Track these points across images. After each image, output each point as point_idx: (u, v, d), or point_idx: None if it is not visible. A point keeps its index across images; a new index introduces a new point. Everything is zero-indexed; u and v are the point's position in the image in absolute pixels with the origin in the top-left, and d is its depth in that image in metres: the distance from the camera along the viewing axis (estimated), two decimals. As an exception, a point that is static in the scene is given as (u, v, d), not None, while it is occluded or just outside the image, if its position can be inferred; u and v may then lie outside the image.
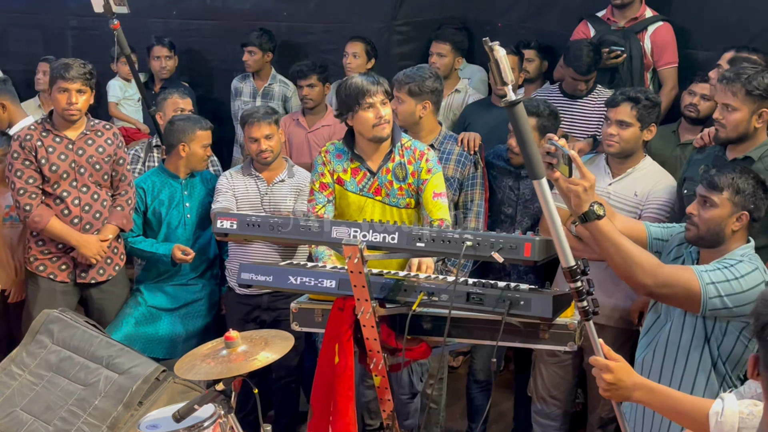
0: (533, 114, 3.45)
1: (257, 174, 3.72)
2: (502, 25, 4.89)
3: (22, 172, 3.52)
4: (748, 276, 2.40)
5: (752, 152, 2.93)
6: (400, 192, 3.14)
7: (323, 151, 3.22)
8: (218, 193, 3.72)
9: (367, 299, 2.39)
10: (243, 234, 2.55)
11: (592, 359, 2.04)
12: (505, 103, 1.91)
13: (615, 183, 3.30)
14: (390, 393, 2.57)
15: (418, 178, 3.14)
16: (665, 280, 2.38)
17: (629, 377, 1.98)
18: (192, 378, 2.33)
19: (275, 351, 2.36)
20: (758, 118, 2.89)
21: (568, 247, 2.01)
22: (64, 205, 3.58)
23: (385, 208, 3.16)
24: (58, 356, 3.03)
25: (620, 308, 3.27)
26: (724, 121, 2.92)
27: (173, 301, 3.81)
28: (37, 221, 3.52)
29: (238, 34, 5.12)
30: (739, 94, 2.86)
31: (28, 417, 2.88)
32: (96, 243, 3.61)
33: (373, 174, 3.14)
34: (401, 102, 3.48)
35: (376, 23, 5.07)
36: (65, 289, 3.68)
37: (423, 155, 3.15)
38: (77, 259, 3.64)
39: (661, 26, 4.18)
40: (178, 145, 3.74)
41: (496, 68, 1.88)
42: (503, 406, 4.30)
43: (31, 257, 3.67)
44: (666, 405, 1.97)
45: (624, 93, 3.25)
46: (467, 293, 2.35)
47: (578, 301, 2.03)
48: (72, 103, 3.50)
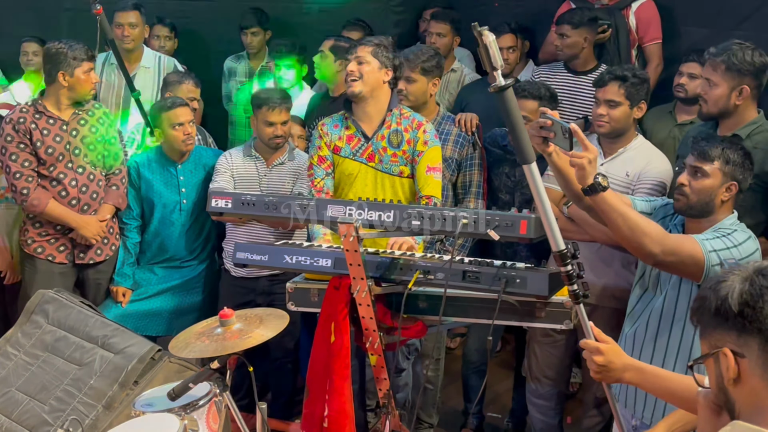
0: (536, 97, 3.44)
1: (257, 155, 3.70)
2: (498, 4, 4.85)
3: (17, 156, 3.50)
4: (744, 244, 2.44)
5: (740, 130, 2.94)
6: (394, 158, 3.14)
7: (320, 125, 3.23)
8: (217, 172, 3.70)
9: (363, 278, 2.39)
10: (238, 213, 2.54)
11: (583, 342, 2.05)
12: (495, 89, 1.90)
13: (607, 163, 3.28)
14: (386, 372, 2.57)
15: (413, 147, 3.14)
16: (672, 248, 2.38)
17: (619, 359, 1.99)
18: (187, 356, 2.33)
19: (270, 329, 2.35)
20: (738, 95, 2.89)
21: (558, 230, 2.00)
22: (61, 186, 3.57)
23: (377, 175, 3.16)
24: (54, 336, 3.03)
25: (611, 288, 3.28)
26: (705, 96, 2.94)
27: (164, 281, 3.81)
28: (35, 204, 3.51)
29: (233, 15, 5.08)
30: (719, 69, 2.87)
31: (24, 397, 2.88)
32: (95, 223, 3.61)
33: (368, 139, 3.15)
34: (413, 81, 3.47)
35: (372, 3, 5.03)
36: (63, 271, 3.67)
37: (421, 125, 3.16)
38: (76, 240, 3.63)
39: (644, 2, 4.17)
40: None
41: (485, 53, 1.87)
42: (500, 386, 4.31)
43: (29, 239, 3.65)
44: (657, 385, 1.97)
45: (611, 72, 3.24)
46: (463, 272, 2.35)
47: (569, 284, 2.03)
48: (95, 81, 3.65)
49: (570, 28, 3.98)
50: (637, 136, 3.32)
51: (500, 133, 3.72)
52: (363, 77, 3.07)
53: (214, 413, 2.40)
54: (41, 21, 5.44)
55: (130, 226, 3.80)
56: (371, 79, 3.08)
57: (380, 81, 3.11)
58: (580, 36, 3.99)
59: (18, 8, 5.52)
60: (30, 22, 5.44)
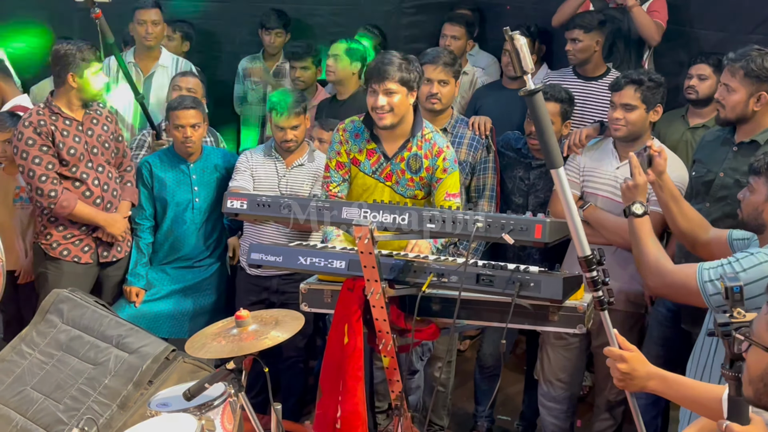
0: (557, 100, 3.49)
1: (277, 156, 3.71)
2: (510, 7, 4.85)
3: (41, 159, 3.47)
4: (752, 269, 2.28)
5: (758, 136, 2.92)
6: (410, 183, 3.08)
7: (341, 128, 3.15)
8: (237, 171, 3.72)
9: (377, 280, 2.39)
10: (253, 214, 2.55)
11: (607, 350, 2.04)
12: (524, 93, 1.90)
13: (623, 166, 3.28)
14: (399, 374, 2.58)
15: (432, 174, 3.06)
16: (667, 281, 2.43)
17: (643, 367, 1.98)
18: (203, 356, 2.34)
19: (286, 330, 2.36)
20: (756, 101, 2.87)
21: (584, 236, 2.00)
22: (84, 186, 3.58)
23: (393, 195, 3.14)
24: (68, 335, 3.04)
25: (625, 291, 3.28)
26: (723, 101, 2.93)
27: (177, 281, 3.82)
28: (65, 206, 3.50)
29: (246, 16, 5.09)
30: (738, 74, 2.86)
31: (39, 396, 2.89)
32: (121, 220, 3.67)
33: (388, 159, 3.08)
34: (446, 84, 3.47)
35: (384, 5, 5.04)
36: (86, 271, 3.70)
37: (441, 153, 3.05)
38: (102, 239, 3.66)
39: (655, 1, 4.16)
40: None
41: (515, 57, 1.86)
42: (511, 389, 4.31)
43: (53, 243, 3.63)
44: (680, 393, 1.97)
45: (627, 76, 3.24)
46: (477, 275, 2.35)
47: (594, 290, 2.03)
48: (105, 81, 3.66)
49: (582, 32, 3.99)
50: (652, 139, 3.31)
51: (514, 136, 3.73)
52: (393, 110, 2.95)
53: (228, 414, 2.42)
54: (53, 20, 5.46)
55: (143, 226, 3.82)
56: (401, 110, 2.97)
57: (408, 106, 3.00)
58: (591, 40, 4.00)
59: (32, 8, 5.54)
60: (42, 20, 5.46)
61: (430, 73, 3.42)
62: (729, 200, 2.94)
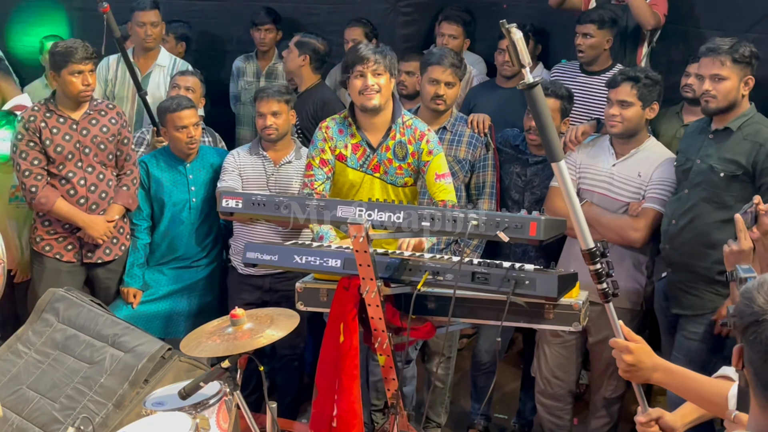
0: (558, 97, 3.49)
1: (264, 154, 3.71)
2: (507, 5, 4.84)
3: (27, 154, 3.52)
4: None
5: (731, 123, 3.00)
6: (399, 171, 3.14)
7: (324, 126, 3.20)
8: (224, 171, 3.71)
9: (372, 278, 2.39)
10: (248, 213, 2.54)
11: (612, 341, 2.03)
12: (523, 86, 1.90)
13: (619, 163, 3.30)
14: (395, 372, 2.58)
15: (418, 159, 3.13)
16: None
17: (649, 358, 1.98)
18: (198, 355, 2.34)
19: (281, 329, 2.36)
20: (744, 86, 2.97)
21: (587, 229, 2.01)
22: (69, 185, 3.58)
23: (384, 186, 3.16)
24: (64, 334, 3.04)
25: (622, 287, 3.25)
26: (714, 92, 2.97)
27: (174, 282, 3.82)
28: (43, 203, 3.52)
29: (242, 15, 5.08)
30: (727, 62, 2.93)
31: (35, 395, 2.89)
32: (102, 223, 3.62)
33: (374, 150, 3.13)
34: (452, 86, 3.49)
35: (380, 4, 5.03)
36: (71, 269, 3.69)
37: (423, 136, 3.14)
38: (84, 240, 3.65)
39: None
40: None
41: (513, 51, 1.87)
42: (508, 387, 4.32)
43: (37, 237, 3.67)
44: (685, 386, 1.96)
45: (624, 73, 3.27)
46: (472, 273, 2.35)
47: (598, 283, 2.03)
48: (88, 84, 3.55)
49: (595, 27, 3.94)
50: (649, 137, 3.33)
51: (512, 133, 3.73)
52: (381, 90, 3.04)
53: (224, 412, 2.42)
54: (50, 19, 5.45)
55: (140, 227, 3.81)
56: (387, 92, 3.07)
57: (390, 91, 3.11)
58: (603, 37, 3.97)
59: (28, 7, 5.54)
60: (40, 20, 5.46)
61: (437, 74, 3.45)
62: (704, 185, 3.04)
